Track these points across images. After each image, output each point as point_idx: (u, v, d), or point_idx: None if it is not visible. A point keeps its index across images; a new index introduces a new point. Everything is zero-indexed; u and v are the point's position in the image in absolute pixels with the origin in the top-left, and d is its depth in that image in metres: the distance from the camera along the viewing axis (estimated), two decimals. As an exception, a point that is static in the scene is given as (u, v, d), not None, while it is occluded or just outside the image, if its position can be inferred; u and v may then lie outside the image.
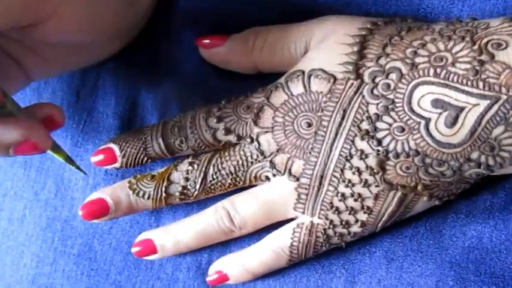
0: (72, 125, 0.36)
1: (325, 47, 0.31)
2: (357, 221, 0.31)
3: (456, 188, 0.31)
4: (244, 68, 0.34)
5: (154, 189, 0.33)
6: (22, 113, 0.27)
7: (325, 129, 0.30)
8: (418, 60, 0.28)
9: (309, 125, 0.30)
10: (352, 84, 0.30)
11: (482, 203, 0.33)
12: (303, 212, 0.31)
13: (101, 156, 0.33)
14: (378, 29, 0.31)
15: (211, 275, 0.34)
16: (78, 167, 0.31)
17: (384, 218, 0.31)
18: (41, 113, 0.28)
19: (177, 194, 0.33)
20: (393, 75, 0.29)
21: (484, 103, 0.27)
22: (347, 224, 0.31)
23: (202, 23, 0.34)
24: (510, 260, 0.32)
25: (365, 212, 0.31)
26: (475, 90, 0.27)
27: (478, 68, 0.27)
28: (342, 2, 0.33)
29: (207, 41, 0.33)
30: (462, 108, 0.27)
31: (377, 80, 0.29)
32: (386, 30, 0.30)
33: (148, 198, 0.33)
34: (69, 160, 0.30)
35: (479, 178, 0.31)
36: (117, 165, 0.33)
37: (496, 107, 0.27)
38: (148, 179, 0.33)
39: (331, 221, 0.31)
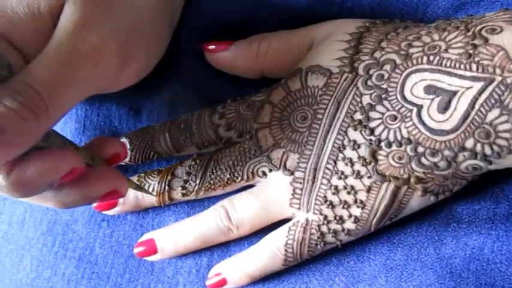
0: (73, 128, 0.35)
1: (323, 45, 0.31)
2: (350, 215, 0.30)
3: (452, 184, 0.30)
4: (249, 72, 0.34)
5: (158, 183, 0.33)
6: (96, 161, 0.29)
7: (319, 122, 0.30)
8: (412, 50, 0.28)
9: (304, 118, 0.30)
10: (347, 77, 0.29)
11: (485, 213, 0.32)
12: (299, 208, 0.31)
13: None
14: (376, 27, 0.30)
15: (211, 279, 0.33)
16: (147, 192, 0.32)
17: (377, 214, 0.30)
18: (106, 152, 0.30)
19: (179, 188, 0.32)
20: (387, 66, 0.28)
21: (478, 85, 0.26)
22: (341, 220, 0.30)
23: (207, 29, 0.34)
24: (511, 272, 0.31)
25: (358, 206, 0.30)
26: (468, 73, 0.26)
27: (471, 51, 0.26)
28: (345, 11, 0.33)
29: (212, 46, 0.33)
30: (455, 93, 0.26)
31: (371, 71, 0.29)
32: (384, 28, 0.30)
33: (153, 191, 0.33)
34: (139, 188, 0.32)
35: (478, 175, 0.30)
36: (127, 159, 0.33)
37: (490, 88, 0.25)
38: (155, 173, 0.33)
39: (325, 217, 0.31)
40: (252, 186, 0.33)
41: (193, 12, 0.34)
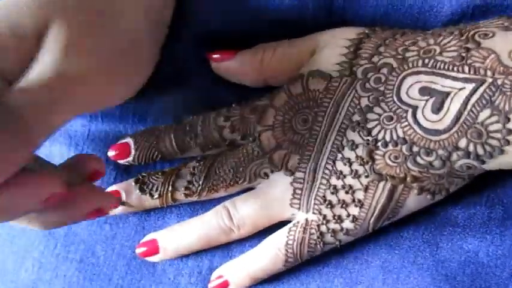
0: (78, 133, 0.34)
1: (324, 51, 0.31)
2: (348, 215, 0.30)
3: (448, 183, 0.30)
4: (253, 81, 0.33)
5: (162, 183, 0.32)
6: (75, 178, 0.28)
7: (319, 124, 0.30)
8: (408, 54, 0.28)
9: (305, 121, 0.30)
10: (346, 80, 0.29)
11: (480, 217, 0.31)
12: (299, 208, 0.31)
13: (117, 150, 0.33)
14: (375, 33, 0.30)
15: (213, 281, 0.32)
16: (130, 205, 0.33)
17: (375, 213, 0.30)
18: (86, 169, 0.29)
19: (183, 188, 0.32)
20: (384, 70, 0.28)
21: (469, 86, 0.26)
22: (339, 219, 0.30)
23: (212, 38, 0.33)
24: (506, 275, 0.30)
25: (356, 205, 0.30)
26: (460, 75, 0.26)
27: (464, 54, 0.26)
28: (345, 23, 0.32)
29: (217, 55, 0.33)
30: (448, 94, 0.27)
31: (369, 75, 0.29)
32: (382, 34, 0.30)
33: (156, 190, 0.32)
34: (123, 204, 0.32)
35: (473, 176, 0.29)
36: (130, 159, 0.33)
37: (481, 89, 0.26)
38: (159, 174, 0.33)
39: (325, 216, 0.30)
40: (253, 189, 0.32)
41: (190, 22, 0.33)
